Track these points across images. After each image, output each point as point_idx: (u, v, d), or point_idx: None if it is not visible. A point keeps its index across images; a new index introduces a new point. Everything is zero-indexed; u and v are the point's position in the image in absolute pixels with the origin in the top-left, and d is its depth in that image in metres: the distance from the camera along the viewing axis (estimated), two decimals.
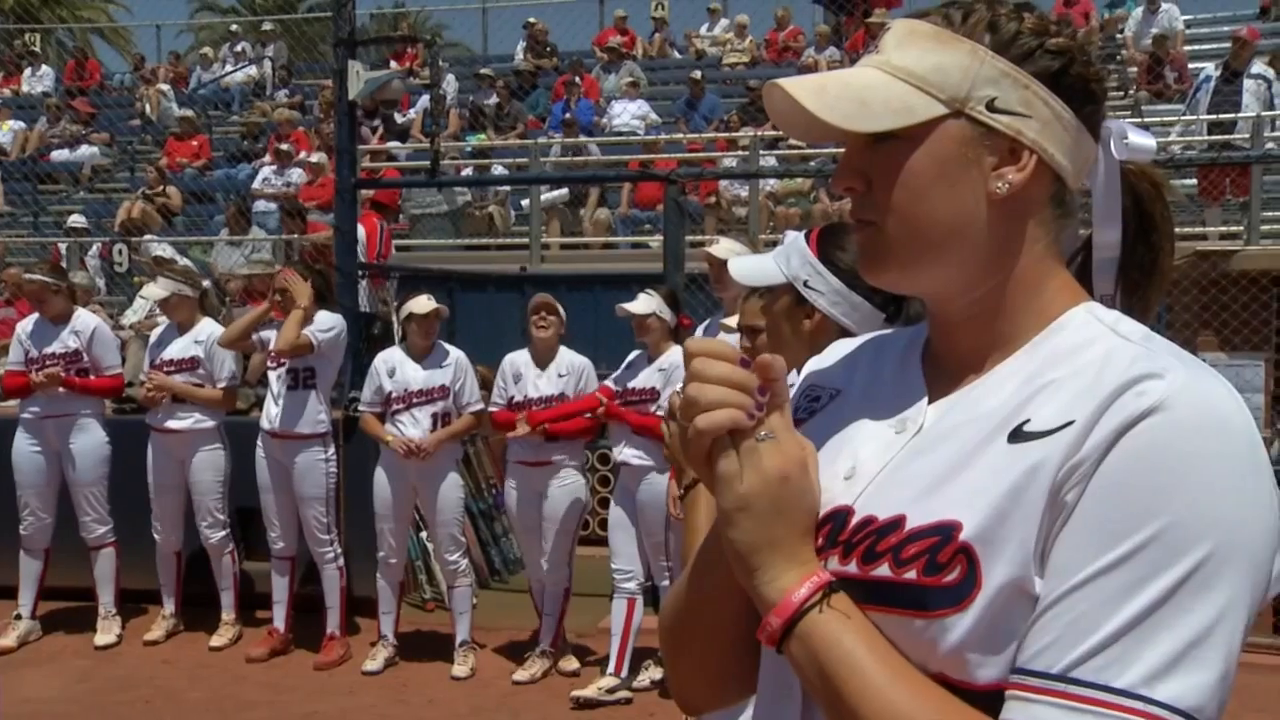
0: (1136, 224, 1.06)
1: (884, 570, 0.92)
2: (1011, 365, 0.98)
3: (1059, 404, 0.91)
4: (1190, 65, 11.55)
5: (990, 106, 0.96)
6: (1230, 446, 0.86)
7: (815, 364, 1.18)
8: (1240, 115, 9.57)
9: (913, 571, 0.91)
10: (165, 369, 6.04)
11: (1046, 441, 0.89)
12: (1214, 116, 9.68)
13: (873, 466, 0.99)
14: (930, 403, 1.02)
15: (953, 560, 0.89)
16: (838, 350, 1.17)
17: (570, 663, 5.63)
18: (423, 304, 5.63)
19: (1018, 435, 0.91)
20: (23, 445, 6.10)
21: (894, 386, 1.05)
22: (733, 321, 3.67)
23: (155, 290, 6.16)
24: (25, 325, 6.23)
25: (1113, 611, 0.84)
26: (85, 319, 6.18)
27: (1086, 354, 0.94)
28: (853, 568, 0.95)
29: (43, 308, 6.13)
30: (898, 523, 0.93)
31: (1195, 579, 0.84)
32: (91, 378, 6.13)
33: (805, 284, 2.01)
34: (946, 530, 0.90)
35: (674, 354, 5.17)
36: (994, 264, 0.99)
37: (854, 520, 0.97)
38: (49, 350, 6.06)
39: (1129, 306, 1.04)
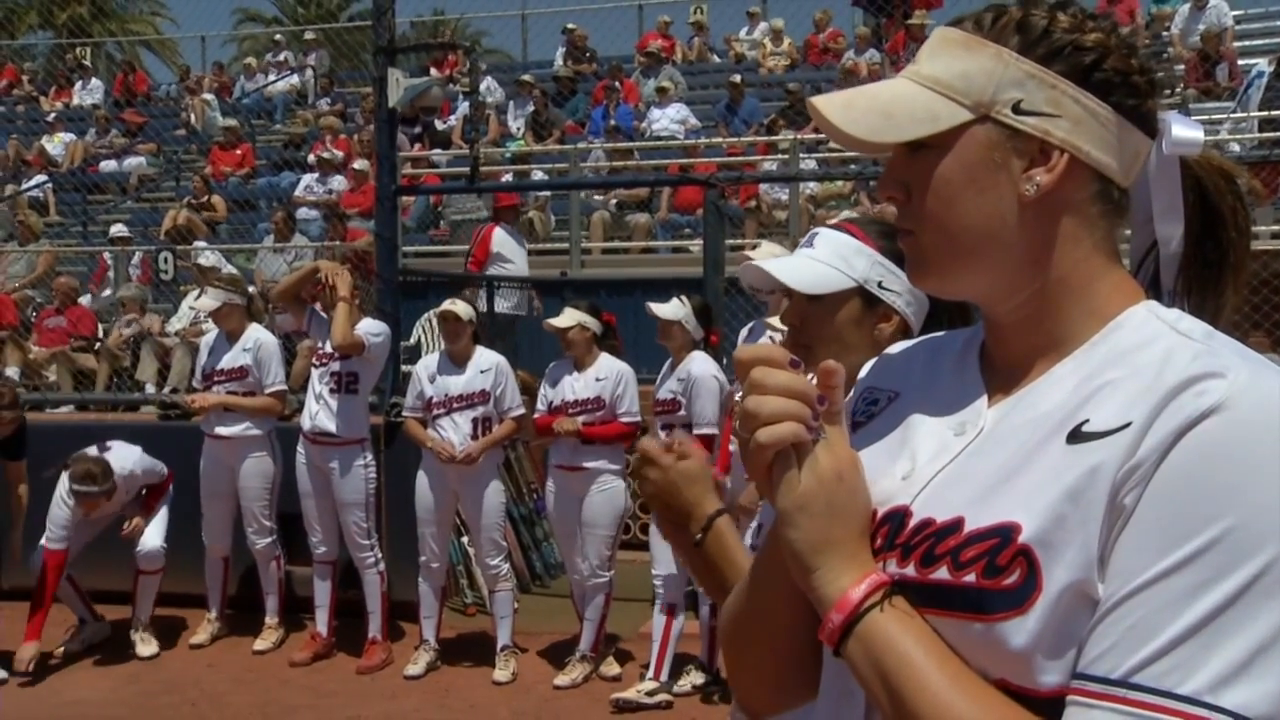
0: (1200, 220, 1.03)
1: (943, 573, 0.91)
2: (1068, 365, 0.96)
3: (1118, 404, 0.89)
4: (1241, 61, 11.33)
5: (1016, 109, 0.95)
6: None
7: (871, 368, 1.17)
8: None
9: (972, 574, 0.89)
10: (216, 379, 6.11)
11: (1106, 442, 0.87)
12: (1265, 114, 9.49)
13: (931, 468, 0.98)
14: (990, 403, 1.00)
15: (1012, 563, 0.88)
16: (893, 353, 1.16)
17: (611, 667, 5.61)
18: (446, 305, 5.65)
19: (1076, 436, 0.90)
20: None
21: (952, 388, 1.04)
22: (777, 320, 3.65)
23: (207, 302, 6.22)
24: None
25: (1176, 615, 0.82)
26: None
27: (1146, 353, 0.91)
28: (911, 571, 0.94)
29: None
30: (956, 525, 0.92)
31: (1262, 583, 0.81)
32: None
33: (880, 285, 1.85)
34: (1006, 532, 0.89)
35: (693, 365, 5.16)
36: (1032, 266, 0.97)
37: (912, 522, 0.96)
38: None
39: (1200, 307, 1.01)
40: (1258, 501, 0.82)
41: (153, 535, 6.04)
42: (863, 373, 1.17)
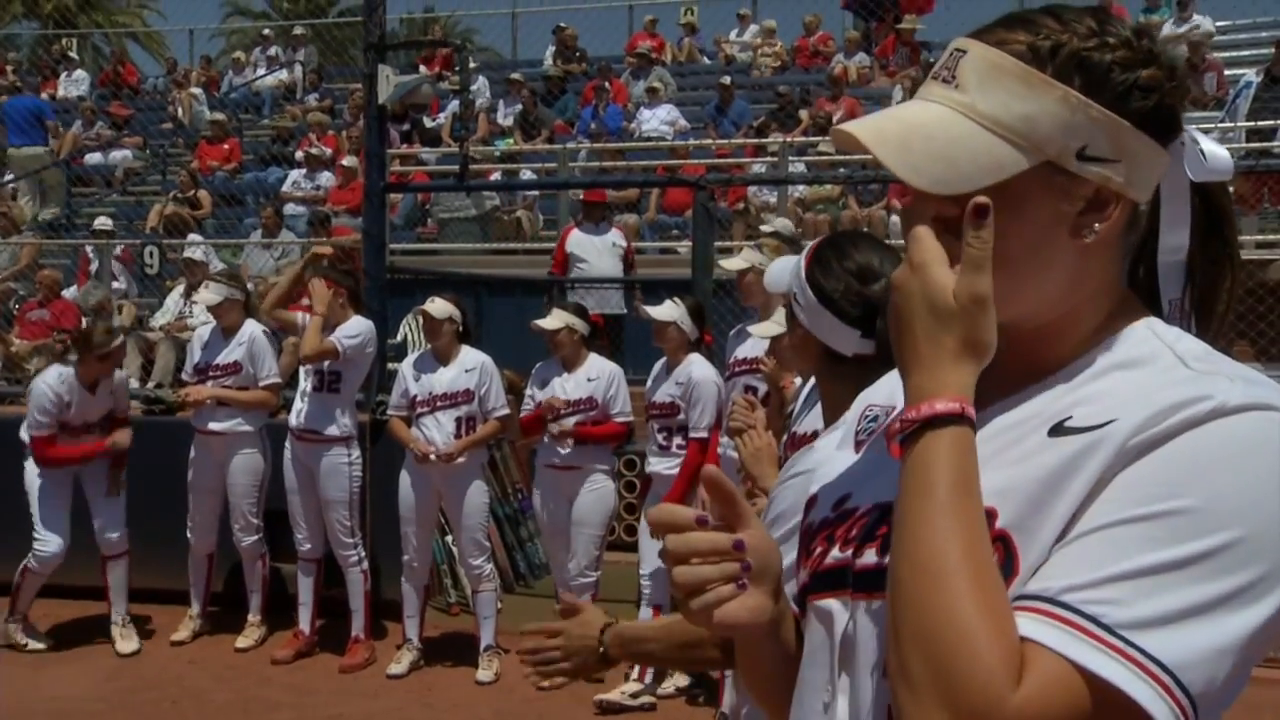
0: (1207, 221, 1.03)
1: None
2: (1063, 375, 0.98)
3: (1104, 406, 0.91)
4: (1229, 71, 11.40)
5: (1080, 155, 0.93)
6: None
7: (872, 389, 1.19)
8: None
9: None
10: (211, 374, 6.07)
11: (1087, 436, 0.90)
12: (1253, 124, 9.55)
13: None
14: (981, 408, 1.00)
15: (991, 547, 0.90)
16: (892, 374, 1.17)
17: None
18: (428, 304, 5.64)
19: (1058, 430, 0.92)
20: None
21: None
22: (759, 329, 3.67)
23: (209, 296, 6.19)
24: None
25: (1120, 558, 0.84)
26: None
27: (1140, 372, 0.94)
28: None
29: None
30: None
31: (1215, 560, 0.83)
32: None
33: (794, 298, 2.03)
34: (985, 519, 0.90)
35: (692, 367, 5.17)
36: (1066, 296, 0.98)
37: None
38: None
39: (1207, 309, 1.03)
40: (1234, 485, 0.84)
41: (111, 520, 6.03)
42: (860, 395, 1.20)
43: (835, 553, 1.02)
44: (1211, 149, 0.99)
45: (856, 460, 1.09)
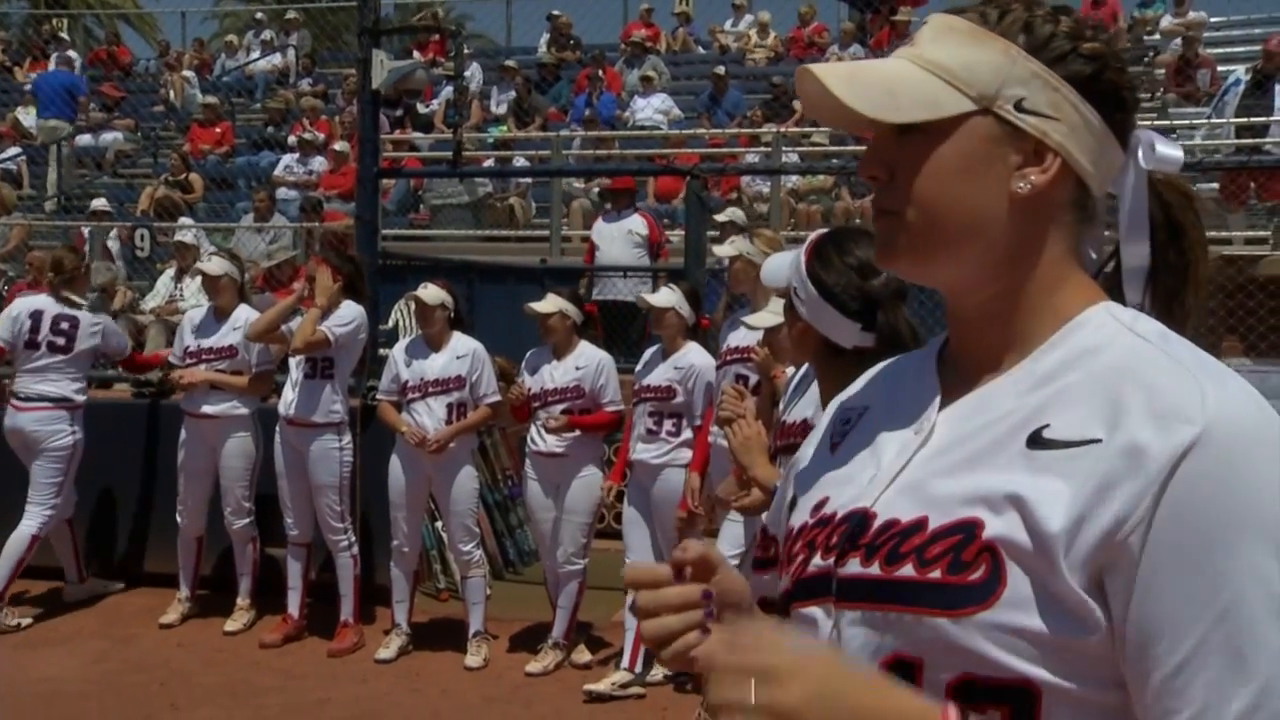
0: (1166, 232, 1.06)
1: (908, 570, 0.93)
2: (1028, 365, 0.98)
3: (1078, 413, 0.91)
4: (1221, 68, 11.43)
5: (1019, 106, 0.97)
6: (1275, 457, 0.87)
7: (845, 391, 1.19)
8: (1272, 119, 9.47)
9: (937, 571, 0.91)
10: (205, 357, 6.06)
11: (1069, 454, 0.90)
12: (1245, 120, 9.58)
13: (892, 469, 1.01)
14: (949, 402, 1.02)
15: (978, 558, 0.90)
16: (866, 374, 1.19)
17: (583, 655, 5.62)
18: (420, 290, 5.63)
19: (1036, 441, 0.92)
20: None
21: (913, 392, 1.07)
22: (756, 319, 3.68)
23: (210, 266, 6.16)
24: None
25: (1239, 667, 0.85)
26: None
27: (1104, 356, 0.94)
28: (876, 569, 0.96)
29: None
30: (921, 524, 0.94)
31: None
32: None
33: (794, 291, 2.05)
34: (969, 529, 0.91)
35: (690, 353, 5.17)
36: (1010, 263, 0.99)
37: (876, 523, 0.98)
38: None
39: (1167, 315, 1.03)
40: (1260, 524, 0.86)
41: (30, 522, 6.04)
42: (835, 398, 1.21)
43: (817, 560, 1.02)
44: (1163, 146, 1.02)
45: (832, 462, 1.10)
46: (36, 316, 6.16)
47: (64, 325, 6.16)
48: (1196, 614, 0.85)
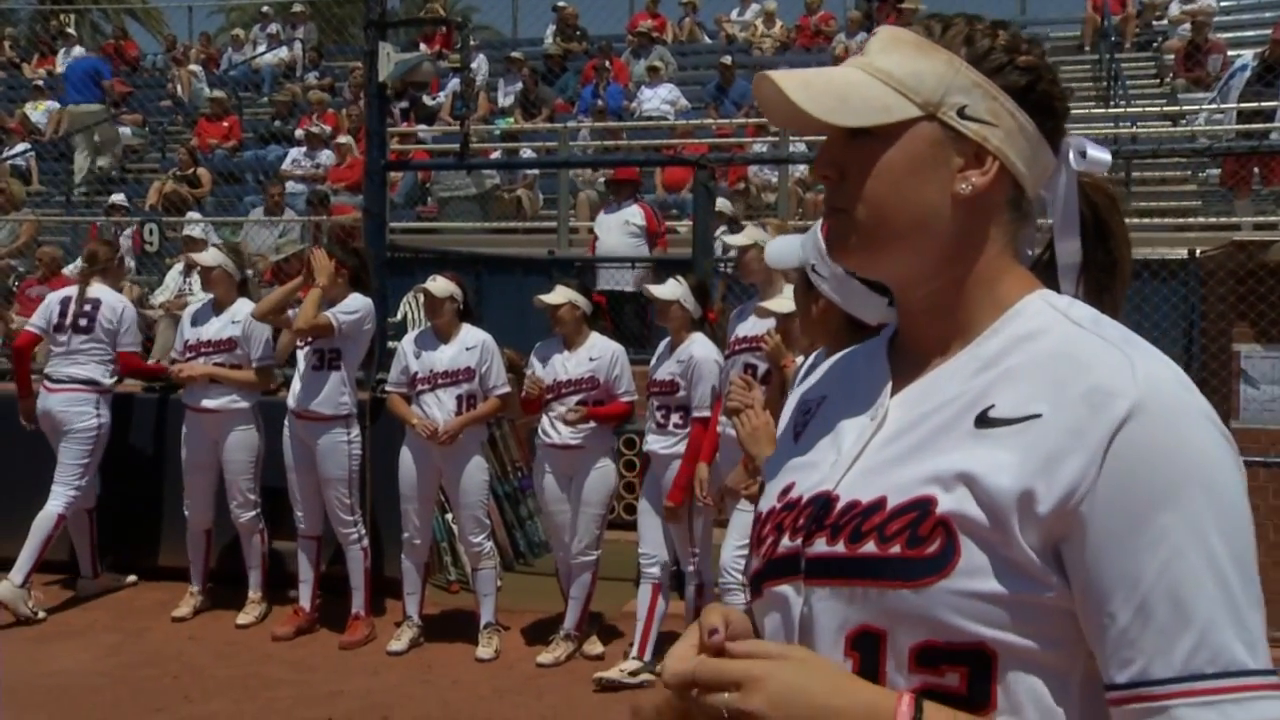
0: (1095, 232, 1.16)
1: (870, 547, 1.00)
2: (972, 350, 1.06)
3: (1021, 393, 0.99)
4: (1232, 52, 11.37)
5: (961, 113, 1.05)
6: (1204, 428, 0.95)
7: (802, 384, 1.28)
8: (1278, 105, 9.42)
9: (897, 546, 0.99)
10: (203, 350, 6.07)
11: (1013, 430, 0.98)
12: (1253, 105, 9.52)
13: (852, 453, 1.08)
14: (901, 387, 1.10)
15: (933, 533, 0.97)
16: (821, 366, 1.28)
17: (594, 646, 5.63)
18: (429, 283, 5.63)
19: (984, 421, 1.00)
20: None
21: (867, 379, 1.15)
22: (772, 304, 3.66)
23: (204, 256, 6.19)
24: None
25: (1191, 609, 0.92)
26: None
27: (1043, 340, 1.02)
28: (840, 548, 1.03)
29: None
30: (880, 504, 1.01)
31: (1224, 554, 0.93)
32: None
33: (813, 268, 2.07)
34: (924, 505, 0.99)
35: (693, 346, 5.16)
36: (953, 258, 1.07)
37: (839, 505, 1.05)
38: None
39: (1099, 305, 1.11)
40: (1197, 493, 0.94)
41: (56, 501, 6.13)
42: (793, 391, 1.29)
43: (786, 541, 1.09)
44: (1092, 150, 1.12)
45: (796, 450, 1.17)
46: (65, 302, 6.31)
47: (87, 306, 6.27)
48: (1141, 570, 0.93)
